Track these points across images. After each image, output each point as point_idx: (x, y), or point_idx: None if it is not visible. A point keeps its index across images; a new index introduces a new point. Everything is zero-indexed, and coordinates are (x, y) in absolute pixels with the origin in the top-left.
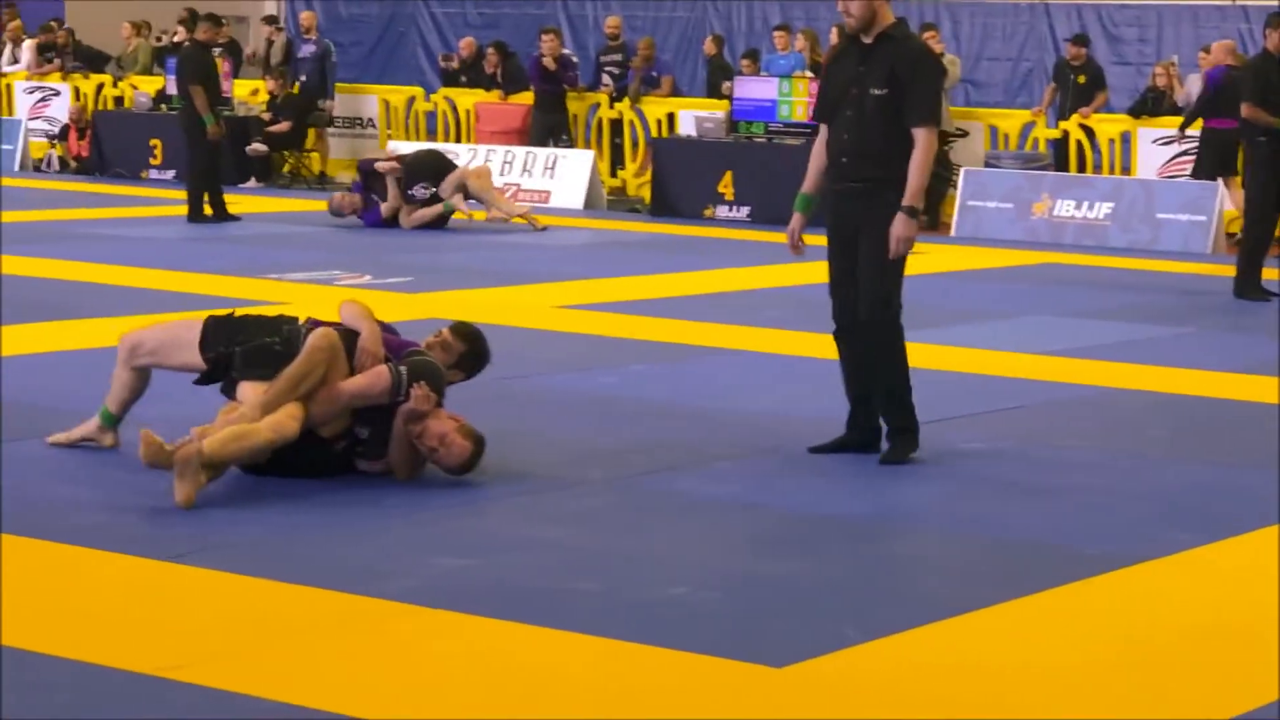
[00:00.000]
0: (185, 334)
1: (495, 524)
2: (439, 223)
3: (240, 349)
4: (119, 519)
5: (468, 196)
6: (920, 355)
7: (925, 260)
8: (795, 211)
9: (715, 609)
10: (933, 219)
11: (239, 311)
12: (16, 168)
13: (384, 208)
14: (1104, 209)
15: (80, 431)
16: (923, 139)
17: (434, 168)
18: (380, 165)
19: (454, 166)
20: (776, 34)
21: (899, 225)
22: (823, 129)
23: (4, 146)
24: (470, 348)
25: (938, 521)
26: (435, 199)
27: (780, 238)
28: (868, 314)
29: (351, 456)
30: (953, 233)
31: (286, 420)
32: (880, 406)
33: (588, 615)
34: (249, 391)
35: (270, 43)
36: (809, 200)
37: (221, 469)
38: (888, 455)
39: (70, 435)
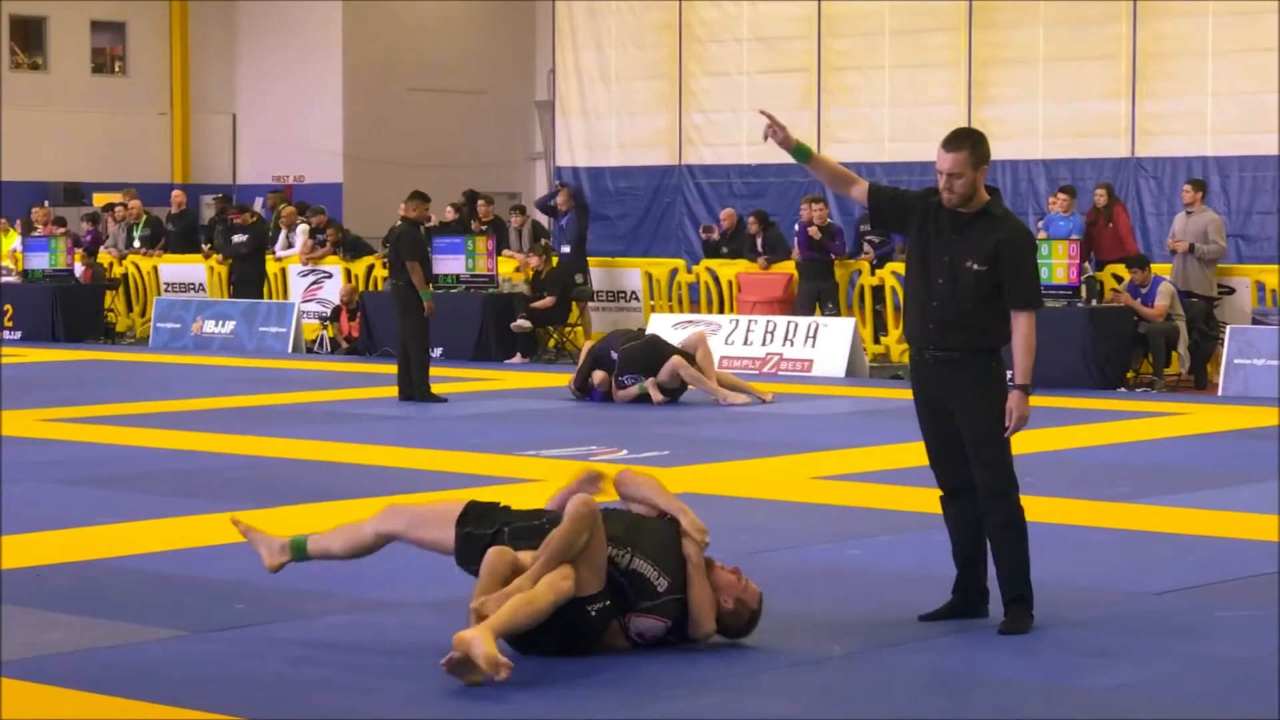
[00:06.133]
0: (446, 511)
1: (723, 701)
2: (673, 396)
3: (509, 526)
4: (367, 700)
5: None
6: (1181, 521)
7: (1190, 421)
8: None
9: None
10: (1200, 379)
11: (503, 502)
12: (289, 350)
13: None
14: None
15: (260, 537)
16: (1024, 320)
17: (645, 360)
18: (595, 379)
19: (672, 352)
20: (1060, 195)
21: (1017, 403)
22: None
23: (277, 329)
24: None
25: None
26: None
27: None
28: (990, 490)
29: (604, 622)
30: (1220, 392)
31: (559, 580)
32: (1001, 575)
33: None
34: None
35: (519, 232)
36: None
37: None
38: (1009, 625)
39: (252, 531)
